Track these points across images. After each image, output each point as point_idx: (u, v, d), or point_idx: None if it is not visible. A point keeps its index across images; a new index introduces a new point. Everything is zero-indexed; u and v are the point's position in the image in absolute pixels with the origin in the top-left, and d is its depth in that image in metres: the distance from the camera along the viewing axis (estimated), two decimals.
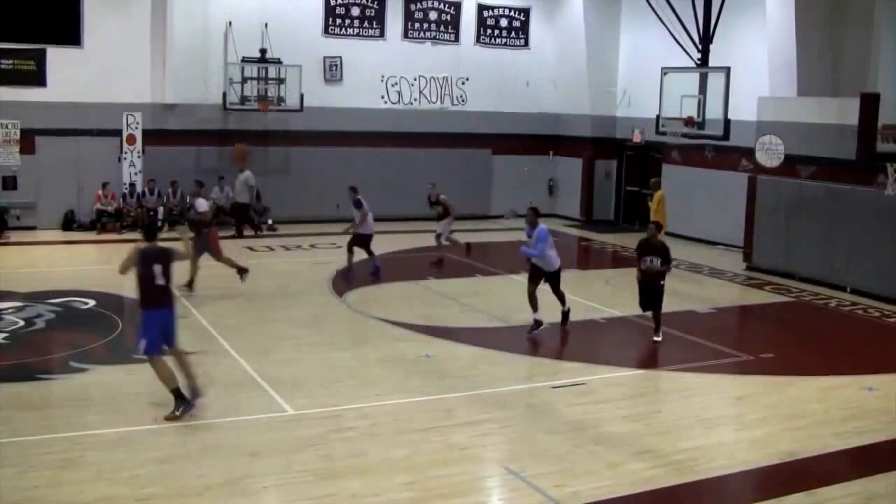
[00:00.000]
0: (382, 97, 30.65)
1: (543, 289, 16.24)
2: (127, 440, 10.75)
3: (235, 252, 21.38)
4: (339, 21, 29.96)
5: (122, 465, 9.95)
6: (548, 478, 9.94)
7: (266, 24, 28.20)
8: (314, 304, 18.55)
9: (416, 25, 31.01)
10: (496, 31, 32.23)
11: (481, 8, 31.86)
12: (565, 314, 16.55)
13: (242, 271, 18.87)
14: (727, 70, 21.51)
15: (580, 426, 11.74)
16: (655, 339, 15.87)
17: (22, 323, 16.07)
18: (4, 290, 18.44)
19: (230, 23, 27.93)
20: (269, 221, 27.91)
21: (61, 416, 11.54)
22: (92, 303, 17.78)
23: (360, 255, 21.12)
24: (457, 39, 31.62)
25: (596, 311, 17.59)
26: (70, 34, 27.20)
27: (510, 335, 16.03)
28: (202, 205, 18.54)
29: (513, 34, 32.52)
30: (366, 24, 30.36)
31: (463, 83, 31.67)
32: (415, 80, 31.01)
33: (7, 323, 15.99)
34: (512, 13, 32.40)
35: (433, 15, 31.20)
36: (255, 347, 14.76)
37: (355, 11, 30.16)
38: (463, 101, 31.72)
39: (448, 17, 31.41)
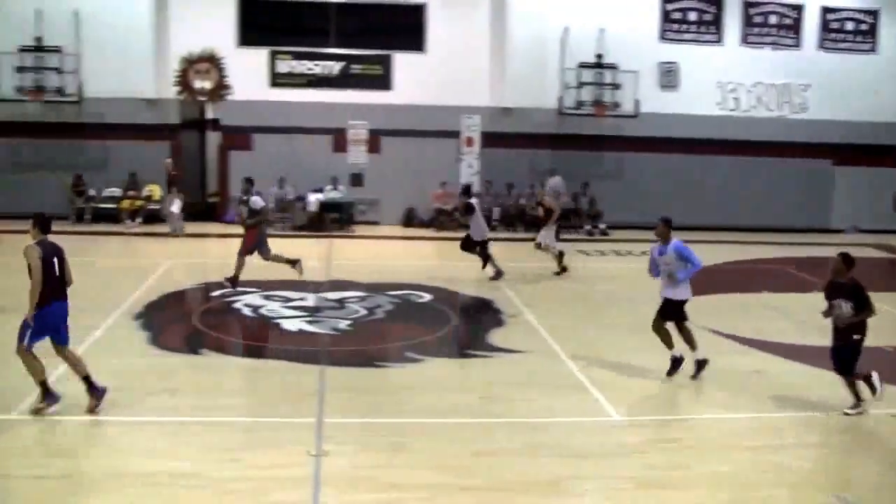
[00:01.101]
0: (718, 104, 30.00)
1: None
2: (454, 431, 11.12)
3: (567, 255, 21.60)
4: (675, 26, 29.67)
5: (448, 454, 10.31)
6: None
7: (602, 30, 28.35)
8: (643, 310, 18.28)
9: (755, 30, 30.16)
10: (840, 35, 30.76)
11: (825, 11, 30.51)
12: (699, 364, 13.43)
13: (234, 281, 18.17)
14: None
15: None
16: (847, 411, 12.02)
17: (364, 312, 17.08)
18: (349, 280, 19.81)
19: (567, 28, 28.28)
20: (602, 226, 28.03)
21: (395, 403, 12.13)
22: (428, 297, 18.61)
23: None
24: (798, 44, 30.45)
25: None
26: (415, 40, 28.56)
27: None
28: (258, 202, 18.42)
29: (858, 37, 30.89)
30: (703, 28, 29.87)
31: (804, 90, 30.43)
32: (753, 86, 30.14)
33: (350, 311, 17.06)
34: (858, 15, 30.79)
35: (773, 19, 30.24)
36: (583, 350, 14.82)
37: (692, 16, 29.77)
38: (803, 108, 30.46)
39: (789, 21, 30.32)
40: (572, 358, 14.31)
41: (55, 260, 10.94)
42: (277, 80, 28.44)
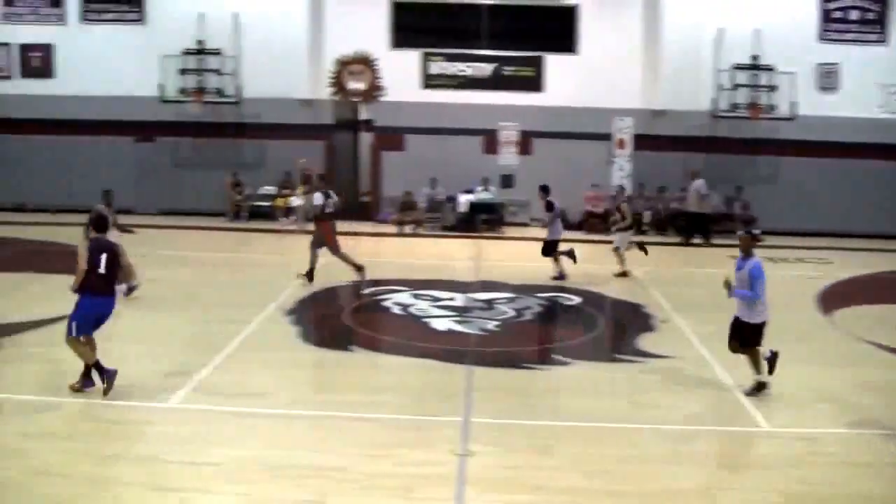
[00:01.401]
0: (880, 107, 28.92)
1: None
2: (602, 435, 11.02)
3: (719, 260, 21.20)
4: (835, 26, 28.77)
5: (595, 459, 10.21)
6: None
7: (758, 31, 27.73)
8: (798, 320, 17.83)
9: None
10: None
11: None
12: (770, 360, 12.93)
13: (358, 269, 18.64)
14: None
15: None
16: None
17: (512, 313, 17.06)
18: (498, 280, 19.92)
19: (721, 29, 27.74)
20: (756, 231, 27.34)
21: (542, 405, 12.12)
22: (577, 300, 18.51)
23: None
24: None
25: None
26: (566, 42, 28.53)
27: None
28: (318, 199, 18.67)
29: None
30: (865, 28, 28.87)
31: None
32: None
33: (499, 312, 17.08)
34: None
35: None
36: (734, 358, 14.48)
37: (854, 15, 28.80)
38: None
39: None
40: (723, 365, 14.02)
41: (102, 256, 11.47)
42: (429, 81, 28.79)
